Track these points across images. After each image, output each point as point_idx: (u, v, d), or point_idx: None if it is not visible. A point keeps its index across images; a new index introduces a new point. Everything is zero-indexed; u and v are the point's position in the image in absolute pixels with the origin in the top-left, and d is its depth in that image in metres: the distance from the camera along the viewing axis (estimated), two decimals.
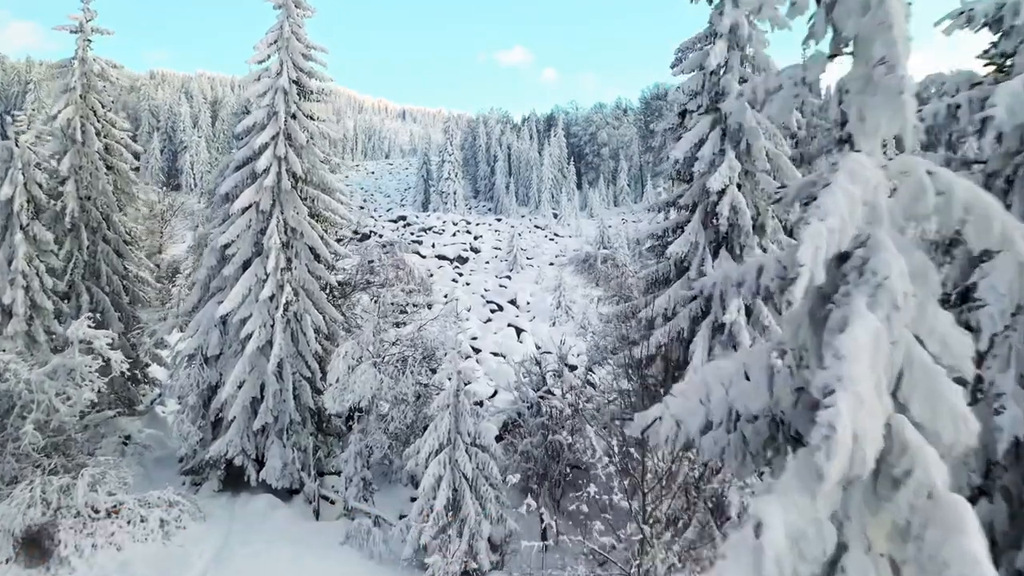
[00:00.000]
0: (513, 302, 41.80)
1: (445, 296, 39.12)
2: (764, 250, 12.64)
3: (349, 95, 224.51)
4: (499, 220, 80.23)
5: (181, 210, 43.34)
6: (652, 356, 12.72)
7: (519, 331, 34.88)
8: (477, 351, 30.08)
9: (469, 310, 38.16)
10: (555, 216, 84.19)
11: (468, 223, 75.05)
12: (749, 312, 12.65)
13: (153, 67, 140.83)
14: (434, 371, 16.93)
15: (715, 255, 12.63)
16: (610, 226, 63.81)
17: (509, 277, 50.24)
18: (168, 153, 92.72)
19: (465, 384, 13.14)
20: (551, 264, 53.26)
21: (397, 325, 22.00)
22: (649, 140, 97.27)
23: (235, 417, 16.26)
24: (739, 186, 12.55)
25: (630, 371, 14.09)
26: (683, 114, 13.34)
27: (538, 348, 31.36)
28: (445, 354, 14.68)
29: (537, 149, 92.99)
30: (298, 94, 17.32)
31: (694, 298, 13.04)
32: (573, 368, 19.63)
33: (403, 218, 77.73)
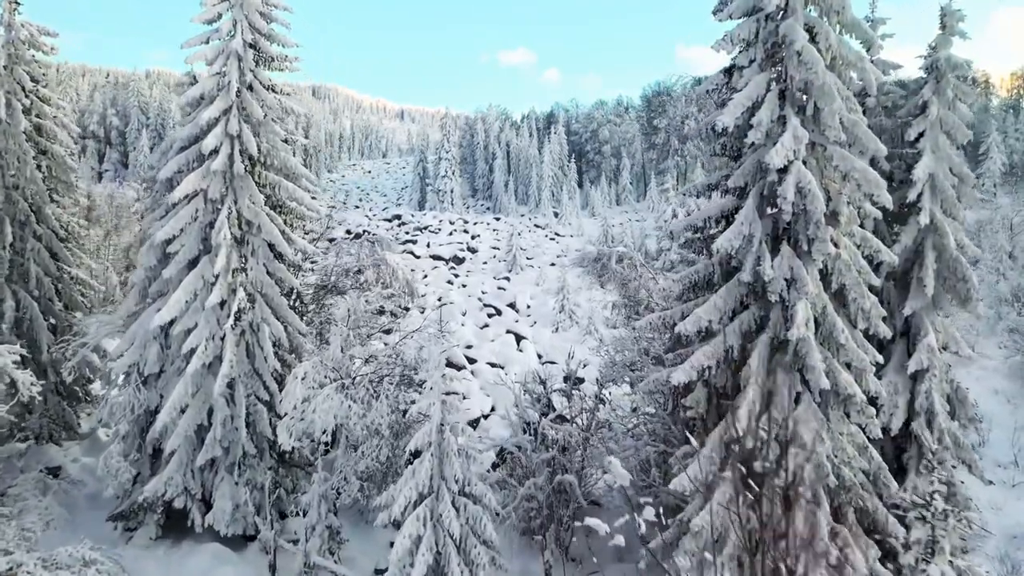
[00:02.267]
0: (512, 305, 38.86)
1: (439, 299, 36.28)
2: (836, 245, 9.79)
3: (347, 94, 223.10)
4: (498, 219, 77.31)
5: None
6: (690, 383, 9.87)
7: (519, 338, 31.94)
8: (472, 361, 27.18)
9: (464, 314, 35.25)
10: (556, 215, 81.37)
11: (465, 222, 72.15)
12: (817, 325, 9.82)
13: (150, 66, 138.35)
14: (418, 384, 14.04)
15: (774, 251, 9.78)
16: (613, 225, 61.03)
17: (508, 278, 47.27)
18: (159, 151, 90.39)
19: (448, 398, 10.29)
20: (552, 264, 50.37)
21: (387, 332, 19.15)
22: (652, 137, 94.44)
23: (176, 449, 13.42)
24: (804, 162, 9.71)
25: (661, 401, 11.27)
26: (730, 71, 10.43)
27: (540, 358, 28.52)
28: (428, 375, 11.80)
29: (537, 147, 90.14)
30: (255, 60, 14.51)
31: (745, 307, 10.20)
32: (581, 381, 16.75)
33: (398, 217, 74.88)
